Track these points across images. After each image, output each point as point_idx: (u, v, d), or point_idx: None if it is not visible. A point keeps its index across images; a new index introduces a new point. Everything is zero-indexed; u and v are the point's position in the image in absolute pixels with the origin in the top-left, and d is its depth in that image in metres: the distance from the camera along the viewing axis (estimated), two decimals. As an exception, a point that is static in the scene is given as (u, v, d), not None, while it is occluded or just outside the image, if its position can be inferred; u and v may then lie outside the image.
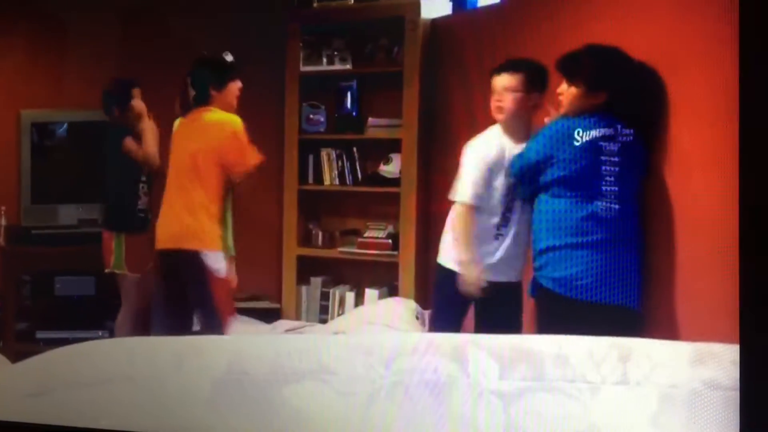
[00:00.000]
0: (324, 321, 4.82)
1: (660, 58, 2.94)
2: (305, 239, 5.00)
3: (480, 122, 3.92)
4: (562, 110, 3.05)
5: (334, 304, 4.86)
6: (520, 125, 3.32)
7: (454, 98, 4.31)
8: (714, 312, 2.50)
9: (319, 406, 1.93)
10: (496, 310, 3.39)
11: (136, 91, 4.23)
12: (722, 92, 2.41)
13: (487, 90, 3.65)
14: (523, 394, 1.83)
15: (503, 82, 3.31)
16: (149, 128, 4.18)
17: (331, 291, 4.88)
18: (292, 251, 4.94)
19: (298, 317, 4.88)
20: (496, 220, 3.34)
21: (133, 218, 4.19)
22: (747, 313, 1.68)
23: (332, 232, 4.97)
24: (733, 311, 1.73)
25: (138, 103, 4.21)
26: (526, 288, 3.28)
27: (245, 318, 4.76)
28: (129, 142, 4.17)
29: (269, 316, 4.83)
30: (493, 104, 3.35)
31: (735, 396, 1.71)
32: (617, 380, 1.82)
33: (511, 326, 3.40)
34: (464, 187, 3.35)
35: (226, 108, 3.74)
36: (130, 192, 4.20)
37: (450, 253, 3.44)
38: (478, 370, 1.87)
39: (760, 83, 1.76)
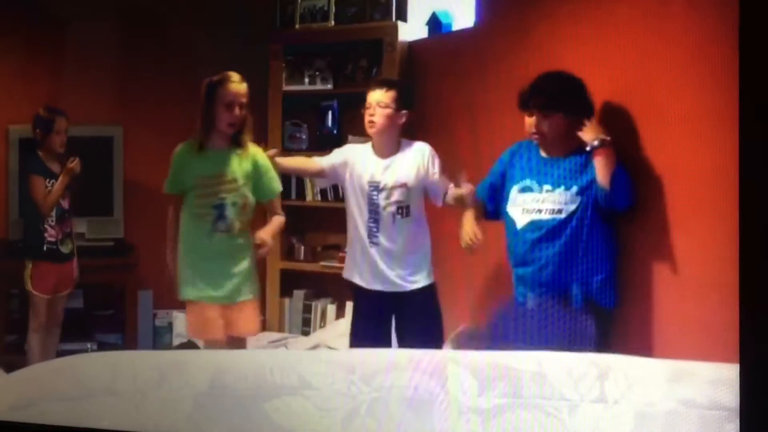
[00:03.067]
0: (306, 333, 4.78)
1: (629, 76, 2.97)
2: (288, 253, 4.95)
3: (456, 141, 3.91)
4: (539, 140, 3.06)
5: (315, 316, 4.82)
6: (389, 140, 3.41)
7: (429, 118, 4.30)
8: (713, 330, 2.46)
9: (300, 422, 1.88)
10: (413, 319, 3.44)
11: (61, 122, 4.12)
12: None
13: (462, 109, 3.65)
14: (502, 412, 1.78)
15: (376, 97, 3.38)
16: (62, 178, 4.09)
17: (313, 304, 4.84)
18: (275, 265, 4.88)
19: (281, 329, 4.83)
20: (364, 229, 3.44)
21: (39, 249, 4.13)
22: (747, 332, 1.64)
23: (314, 247, 4.93)
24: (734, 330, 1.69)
25: (57, 139, 4.11)
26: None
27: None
28: (34, 181, 4.11)
29: (253, 328, 4.76)
30: (366, 118, 3.41)
31: (711, 414, 1.67)
32: (595, 398, 1.78)
33: (431, 335, 3.42)
34: None
35: None
36: (35, 225, 4.15)
37: (348, 264, 3.57)
38: (457, 387, 1.83)
39: (759, 90, 1.73)
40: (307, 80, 4.87)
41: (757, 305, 1.65)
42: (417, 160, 3.43)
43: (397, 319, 3.52)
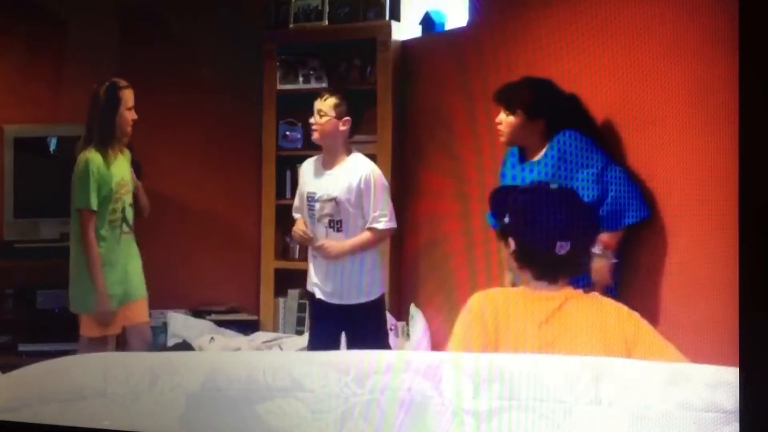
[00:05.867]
0: (300, 333, 4.74)
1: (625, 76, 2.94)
2: (282, 253, 4.92)
3: (455, 139, 3.89)
4: (503, 138, 3.07)
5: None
6: (331, 149, 3.43)
7: (426, 116, 4.29)
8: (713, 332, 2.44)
9: (293, 423, 1.86)
10: (359, 331, 3.44)
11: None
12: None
13: (461, 108, 3.63)
14: (497, 414, 1.76)
15: (316, 105, 3.43)
16: None
17: (307, 303, 4.80)
18: (269, 264, 4.86)
19: (275, 329, 4.80)
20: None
21: None
22: (747, 333, 1.61)
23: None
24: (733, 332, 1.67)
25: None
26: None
27: (224, 330, 4.69)
28: None
29: (248, 327, 4.75)
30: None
31: (707, 417, 1.65)
32: (590, 400, 1.75)
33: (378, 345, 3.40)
34: None
35: None
36: None
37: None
38: (452, 389, 1.80)
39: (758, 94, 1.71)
40: (301, 79, 4.85)
41: (757, 308, 1.63)
42: (353, 177, 3.41)
43: (347, 334, 3.54)
